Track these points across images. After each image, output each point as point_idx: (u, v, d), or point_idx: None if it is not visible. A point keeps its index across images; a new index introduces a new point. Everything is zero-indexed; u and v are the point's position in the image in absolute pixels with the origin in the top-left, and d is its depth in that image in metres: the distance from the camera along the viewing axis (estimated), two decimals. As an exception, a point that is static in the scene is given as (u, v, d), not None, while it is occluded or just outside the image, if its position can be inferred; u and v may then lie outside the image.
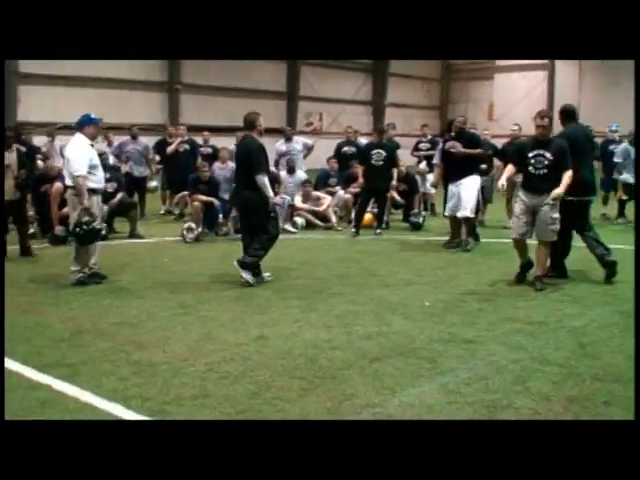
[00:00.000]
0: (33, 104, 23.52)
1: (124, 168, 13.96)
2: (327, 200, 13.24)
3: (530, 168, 7.60)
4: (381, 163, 12.12)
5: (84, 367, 5.13)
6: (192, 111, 27.89)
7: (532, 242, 7.92)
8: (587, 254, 8.12)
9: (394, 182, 12.59)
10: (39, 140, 15.88)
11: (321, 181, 14.13)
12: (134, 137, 14.54)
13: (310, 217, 13.01)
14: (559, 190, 7.42)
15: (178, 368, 5.11)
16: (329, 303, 7.06)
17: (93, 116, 8.07)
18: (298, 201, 13.09)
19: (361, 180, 12.32)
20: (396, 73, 36.74)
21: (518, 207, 7.81)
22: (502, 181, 7.92)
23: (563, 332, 6.05)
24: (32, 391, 4.65)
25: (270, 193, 7.91)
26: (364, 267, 9.13)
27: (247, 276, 7.77)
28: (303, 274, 8.57)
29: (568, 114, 8.32)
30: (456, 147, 10.40)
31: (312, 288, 7.75)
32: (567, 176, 7.46)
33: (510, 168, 8.02)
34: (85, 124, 7.92)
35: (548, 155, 7.51)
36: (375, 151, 12.19)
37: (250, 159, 7.82)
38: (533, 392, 4.63)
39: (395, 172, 12.49)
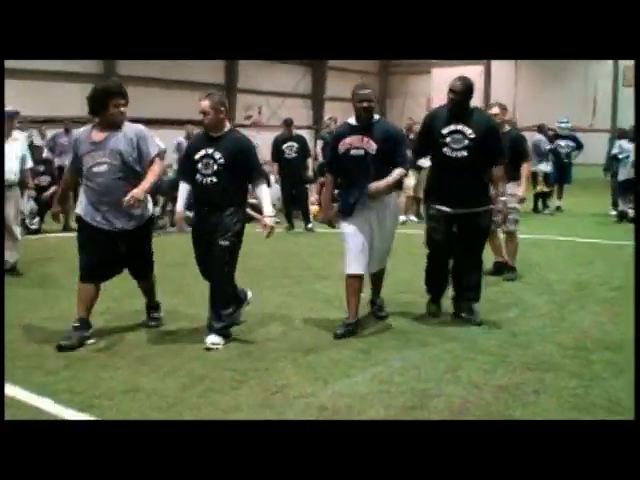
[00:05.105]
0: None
1: (57, 161, 13.74)
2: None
3: None
4: (294, 155, 12.51)
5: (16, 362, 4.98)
6: (131, 103, 27.36)
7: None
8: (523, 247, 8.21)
9: (309, 173, 12.94)
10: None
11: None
12: (67, 130, 14.37)
13: (249, 211, 12.92)
14: None
15: (108, 362, 5.02)
16: (265, 295, 7.04)
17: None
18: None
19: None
20: (335, 67, 36.74)
21: None
22: None
23: (496, 322, 6.13)
24: (-44, 388, 4.50)
25: None
26: (300, 260, 9.11)
27: None
28: (239, 266, 8.46)
29: None
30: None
31: (248, 281, 7.67)
32: None
33: None
34: None
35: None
36: (287, 144, 12.43)
37: None
38: (464, 380, 4.67)
39: (310, 163, 12.92)
